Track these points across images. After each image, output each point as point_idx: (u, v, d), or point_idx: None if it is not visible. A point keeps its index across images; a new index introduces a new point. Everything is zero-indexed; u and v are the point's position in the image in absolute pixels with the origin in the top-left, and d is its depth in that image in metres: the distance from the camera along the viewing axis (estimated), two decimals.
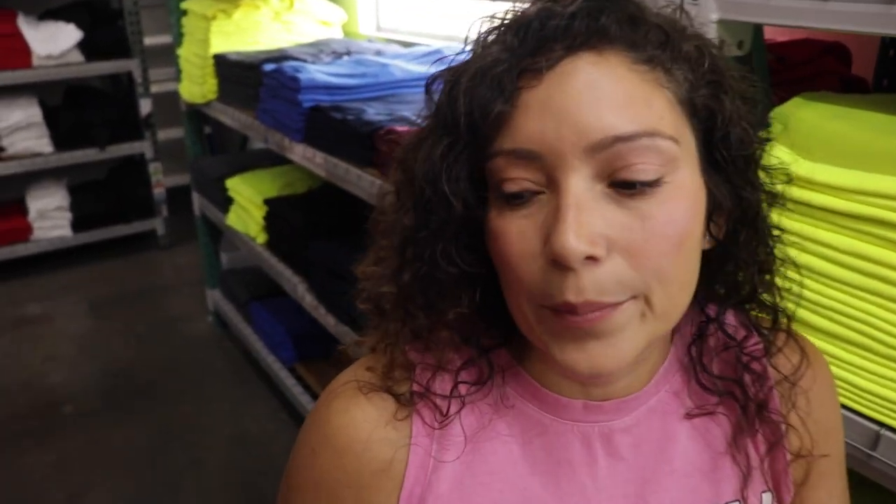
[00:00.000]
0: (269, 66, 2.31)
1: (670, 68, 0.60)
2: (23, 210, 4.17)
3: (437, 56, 2.13)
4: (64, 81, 4.23)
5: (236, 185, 2.80)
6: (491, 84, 0.59)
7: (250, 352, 3.14)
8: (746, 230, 0.67)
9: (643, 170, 0.57)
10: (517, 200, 0.60)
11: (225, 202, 2.92)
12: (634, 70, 0.59)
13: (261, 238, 2.64)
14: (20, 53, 3.90)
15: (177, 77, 3.22)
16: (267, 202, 2.57)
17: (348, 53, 2.54)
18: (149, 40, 4.32)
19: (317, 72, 2.15)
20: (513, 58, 0.59)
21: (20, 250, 4.16)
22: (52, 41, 3.93)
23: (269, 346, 2.94)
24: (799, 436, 0.73)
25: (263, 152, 3.09)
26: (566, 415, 0.69)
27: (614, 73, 0.58)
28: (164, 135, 4.51)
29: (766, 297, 0.72)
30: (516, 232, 0.60)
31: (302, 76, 2.09)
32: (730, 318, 0.74)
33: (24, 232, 4.16)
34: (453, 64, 0.65)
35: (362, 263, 0.73)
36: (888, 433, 0.87)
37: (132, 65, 4.19)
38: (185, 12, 3.08)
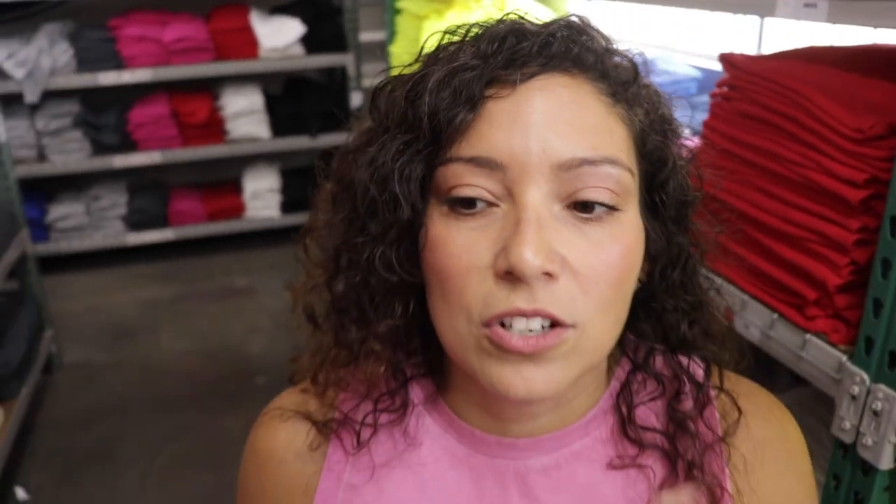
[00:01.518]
0: None
1: (631, 107, 0.63)
2: (238, 190, 4.49)
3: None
4: (285, 72, 4.50)
5: None
6: (458, 88, 0.60)
7: None
8: (674, 275, 0.67)
9: (603, 194, 0.58)
10: (468, 209, 0.59)
11: None
12: (601, 100, 0.61)
13: None
14: (249, 46, 4.18)
15: (387, 73, 3.33)
16: None
17: None
18: (364, 36, 4.50)
19: None
20: (485, 66, 0.60)
21: (233, 226, 4.48)
22: (278, 35, 4.19)
23: None
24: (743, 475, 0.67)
25: None
26: (481, 449, 0.68)
27: (585, 98, 0.60)
28: None
29: (705, 347, 0.70)
30: (463, 243, 0.59)
31: None
32: (667, 370, 0.70)
33: (238, 210, 4.48)
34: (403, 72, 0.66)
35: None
36: None
37: (347, 59, 4.39)
38: (399, 11, 3.18)
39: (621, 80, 0.63)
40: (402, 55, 3.03)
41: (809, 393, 1.36)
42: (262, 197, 4.48)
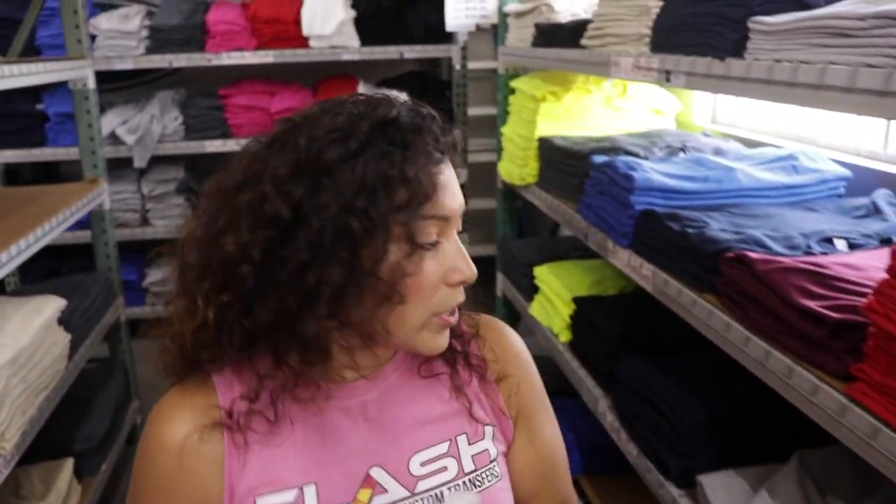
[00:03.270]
0: (599, 159, 2.14)
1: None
2: None
3: (789, 161, 1.76)
4: None
5: (544, 275, 2.67)
6: (430, 161, 0.88)
7: None
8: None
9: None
10: (430, 247, 0.89)
11: (530, 289, 2.79)
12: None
13: (564, 336, 2.46)
14: None
15: (494, 148, 3.19)
16: (576, 301, 2.39)
17: (684, 150, 2.31)
18: (472, 111, 4.40)
19: (652, 170, 1.95)
20: (436, 149, 0.90)
21: None
22: None
23: None
24: (497, 368, 1.06)
25: (574, 240, 2.93)
26: (337, 395, 0.96)
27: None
28: (475, 204, 4.54)
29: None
30: (431, 269, 0.89)
31: (637, 175, 1.89)
32: None
33: None
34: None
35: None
36: None
37: (455, 135, 4.27)
38: (513, 91, 3.04)
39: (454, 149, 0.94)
40: (514, 137, 2.88)
41: None
42: None
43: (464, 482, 0.97)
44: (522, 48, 2.84)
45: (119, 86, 4.30)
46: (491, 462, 1.01)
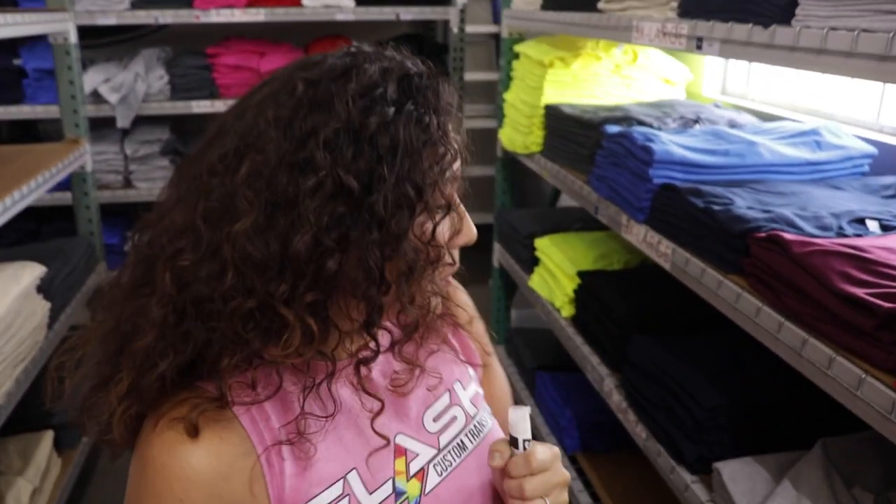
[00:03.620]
0: (612, 129, 2.04)
1: None
2: None
3: (812, 137, 1.66)
4: None
5: (546, 248, 2.57)
6: (453, 119, 0.86)
7: None
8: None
9: None
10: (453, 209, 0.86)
11: (530, 261, 2.70)
12: None
13: (567, 311, 2.38)
14: None
15: (490, 114, 3.09)
16: (581, 275, 2.31)
17: (698, 121, 2.21)
18: (469, 76, 4.28)
19: (671, 143, 1.85)
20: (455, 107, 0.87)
21: None
22: None
23: (550, 426, 2.67)
24: (462, 316, 1.07)
25: (576, 212, 2.84)
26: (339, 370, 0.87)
27: None
28: (471, 171, 4.40)
29: None
30: (443, 230, 0.85)
31: (656, 147, 1.79)
32: None
33: None
34: None
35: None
36: None
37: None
38: (517, 55, 2.92)
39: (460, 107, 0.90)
40: (517, 104, 2.77)
41: None
42: None
43: (474, 425, 1.00)
44: (530, 11, 2.72)
45: (102, 42, 4.12)
46: (482, 402, 1.05)
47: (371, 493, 0.87)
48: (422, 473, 0.92)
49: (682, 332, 1.92)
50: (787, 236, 1.37)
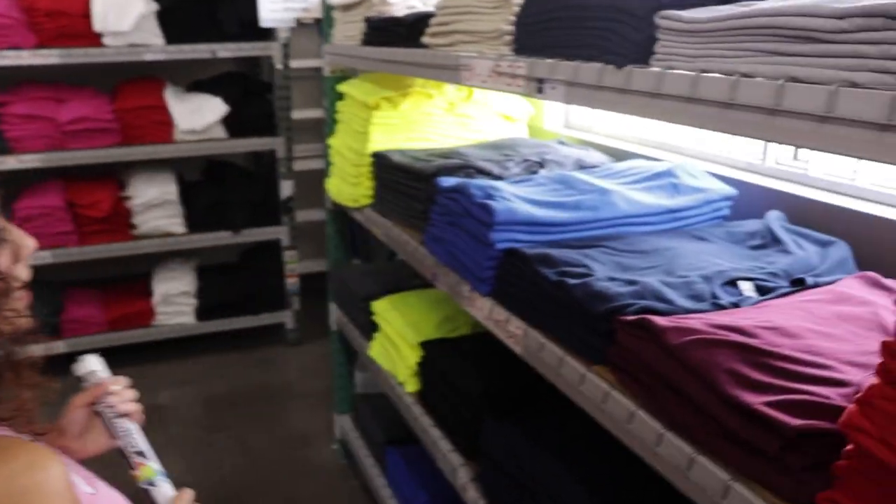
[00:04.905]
0: (446, 182, 1.76)
1: None
2: (147, 293, 3.82)
3: (668, 179, 1.48)
4: (204, 157, 3.92)
5: (384, 311, 2.27)
6: None
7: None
8: None
9: None
10: None
11: (368, 326, 2.39)
12: None
13: (411, 386, 2.08)
14: (163, 127, 3.62)
15: (322, 154, 2.79)
16: (424, 346, 2.02)
17: (542, 164, 1.98)
18: (297, 114, 3.96)
19: (514, 197, 1.59)
20: None
21: (140, 336, 3.81)
22: (197, 115, 3.62)
23: None
24: None
25: None
26: None
27: None
28: (304, 216, 4.10)
29: None
30: None
31: (497, 206, 1.53)
32: None
33: (146, 316, 3.81)
34: None
35: None
36: None
37: (276, 143, 3.82)
38: (341, 96, 2.62)
39: None
40: (343, 150, 2.47)
41: None
42: (173, 301, 3.81)
43: None
44: (350, 46, 2.42)
45: None
46: None
47: None
48: None
49: (544, 412, 1.66)
50: (659, 321, 1.12)
